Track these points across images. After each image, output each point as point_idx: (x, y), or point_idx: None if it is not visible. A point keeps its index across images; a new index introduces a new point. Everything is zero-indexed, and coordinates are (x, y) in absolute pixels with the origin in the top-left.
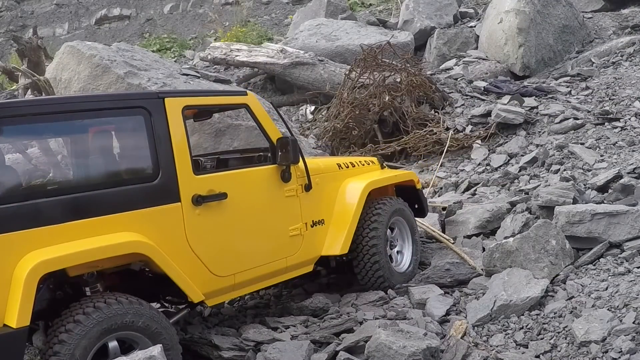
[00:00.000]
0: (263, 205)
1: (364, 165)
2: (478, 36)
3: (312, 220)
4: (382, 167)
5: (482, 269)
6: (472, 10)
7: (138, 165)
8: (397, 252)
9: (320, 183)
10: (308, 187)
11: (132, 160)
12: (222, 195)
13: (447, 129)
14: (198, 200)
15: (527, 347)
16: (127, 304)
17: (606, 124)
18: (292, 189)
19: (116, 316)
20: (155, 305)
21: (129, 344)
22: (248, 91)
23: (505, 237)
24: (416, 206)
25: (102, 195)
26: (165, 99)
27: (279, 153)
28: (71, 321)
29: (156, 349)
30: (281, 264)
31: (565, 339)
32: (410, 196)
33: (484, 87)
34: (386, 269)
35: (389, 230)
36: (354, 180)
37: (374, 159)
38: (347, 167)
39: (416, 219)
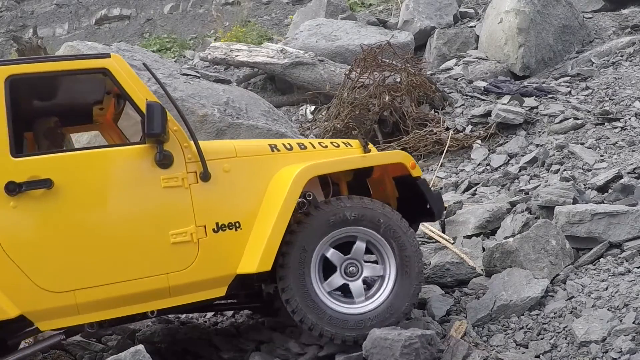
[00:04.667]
0: (120, 198)
1: (325, 147)
2: (478, 36)
3: (217, 223)
4: (366, 151)
5: (482, 269)
6: (472, 10)
7: None
8: (366, 281)
9: (232, 171)
10: (205, 176)
11: None
12: (45, 183)
13: (447, 129)
14: (14, 189)
15: (527, 347)
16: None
17: (606, 124)
18: (175, 177)
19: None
20: None
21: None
22: (114, 54)
23: (505, 237)
24: (428, 206)
25: None
26: None
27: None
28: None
29: (140, 347)
30: (158, 283)
31: (565, 339)
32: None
33: (484, 87)
34: (302, 305)
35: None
36: (292, 167)
37: (354, 141)
38: (289, 149)
39: (424, 224)
